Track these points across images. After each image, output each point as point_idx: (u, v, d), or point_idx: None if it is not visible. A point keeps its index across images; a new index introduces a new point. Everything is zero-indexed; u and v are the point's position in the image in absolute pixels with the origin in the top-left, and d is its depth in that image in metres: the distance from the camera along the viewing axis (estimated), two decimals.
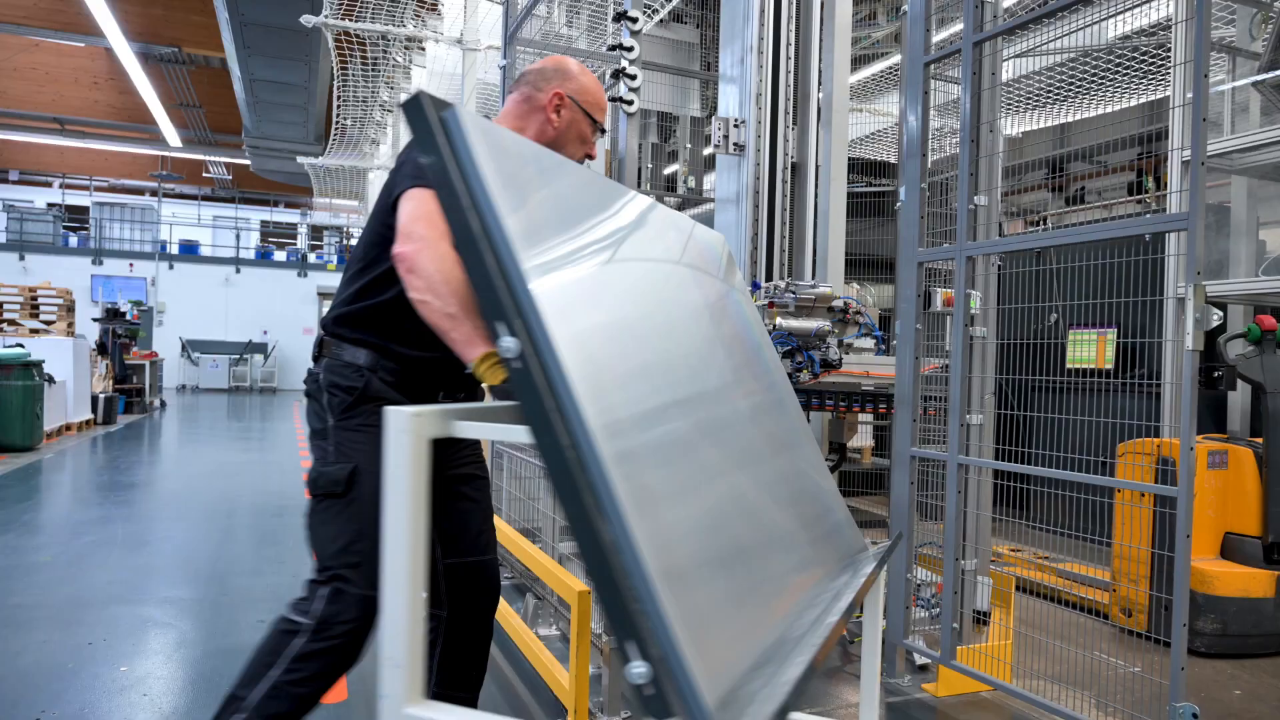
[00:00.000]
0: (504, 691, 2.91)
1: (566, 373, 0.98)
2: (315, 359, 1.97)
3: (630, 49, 2.60)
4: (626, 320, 1.32)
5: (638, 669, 0.88)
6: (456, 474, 2.04)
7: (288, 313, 23.98)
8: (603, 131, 2.10)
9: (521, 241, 1.06)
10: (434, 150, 1.08)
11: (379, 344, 1.87)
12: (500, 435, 1.26)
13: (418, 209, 1.67)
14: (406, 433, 1.16)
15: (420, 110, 1.08)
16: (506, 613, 3.41)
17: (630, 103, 2.73)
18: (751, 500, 1.44)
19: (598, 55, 4.85)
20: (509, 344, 1.00)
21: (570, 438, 0.96)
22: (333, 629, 1.72)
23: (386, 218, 1.79)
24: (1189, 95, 2.13)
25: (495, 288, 1.01)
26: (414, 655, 1.14)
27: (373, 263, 1.86)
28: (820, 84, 4.04)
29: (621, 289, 1.38)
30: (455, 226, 1.06)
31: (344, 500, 1.78)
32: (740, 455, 1.50)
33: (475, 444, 2.14)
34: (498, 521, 3.78)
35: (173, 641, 3.31)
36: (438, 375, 1.91)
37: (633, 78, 2.65)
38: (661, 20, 6.89)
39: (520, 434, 1.12)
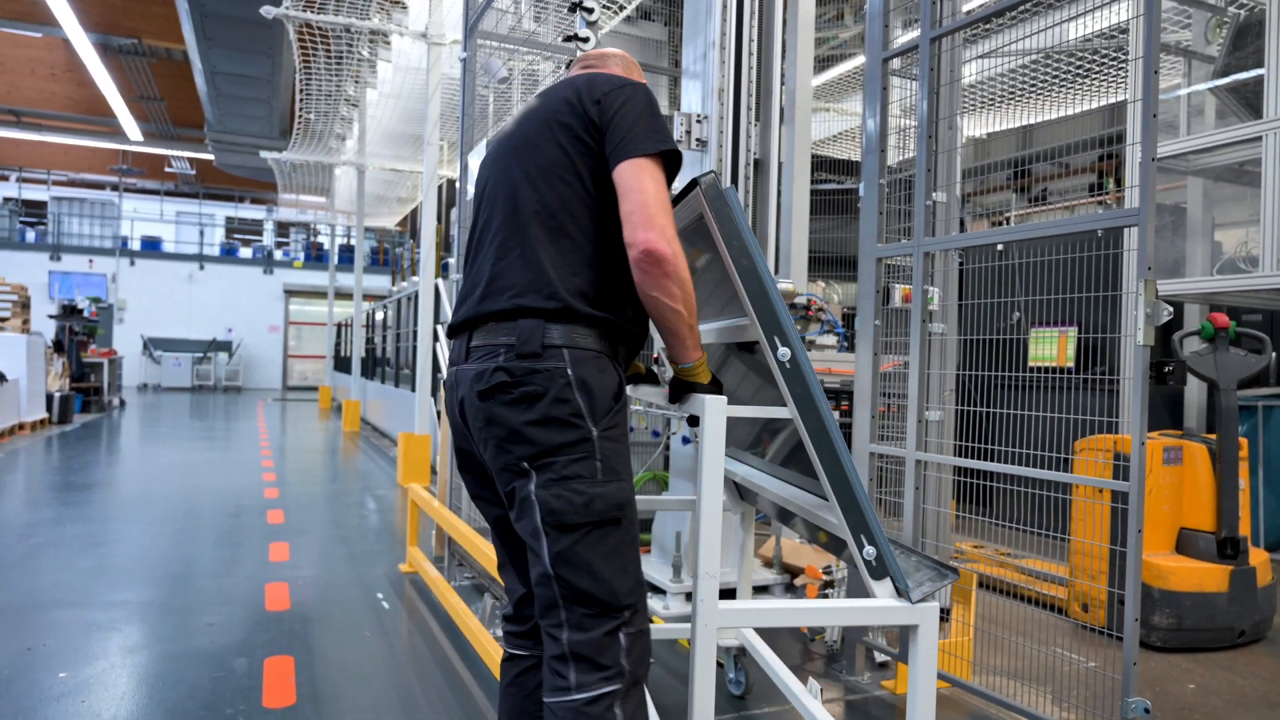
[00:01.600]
0: (458, 694, 2.86)
1: (813, 371, 1.61)
2: (534, 351, 1.53)
3: (586, 40, 2.56)
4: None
5: (869, 550, 1.61)
6: None
7: (253, 310, 23.64)
8: None
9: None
10: (731, 221, 1.64)
11: (618, 321, 1.62)
12: (762, 414, 1.75)
13: (663, 194, 1.52)
14: (722, 416, 1.56)
15: (719, 188, 1.66)
16: (463, 613, 3.36)
17: None
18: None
19: (557, 48, 4.79)
20: (785, 352, 1.58)
21: (823, 413, 1.57)
22: (640, 672, 1.54)
23: (577, 165, 1.60)
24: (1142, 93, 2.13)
25: (776, 317, 1.57)
26: (717, 568, 1.56)
27: (585, 221, 1.61)
28: (783, 80, 4.03)
29: None
30: (744, 272, 1.60)
31: (623, 526, 1.55)
32: None
33: None
34: (454, 520, 3.72)
35: (117, 646, 3.21)
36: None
37: None
38: (629, 17, 6.86)
39: (779, 412, 1.66)
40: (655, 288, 1.52)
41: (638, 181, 1.52)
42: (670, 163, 1.59)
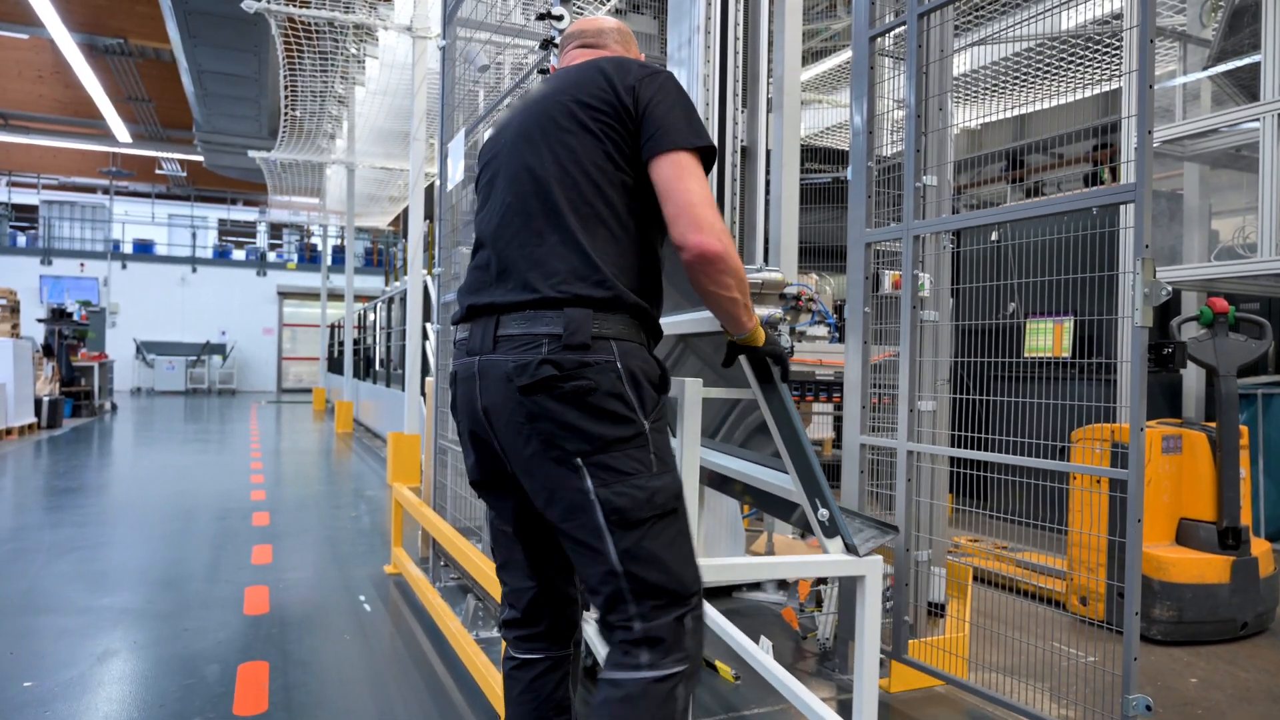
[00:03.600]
0: (437, 698, 2.76)
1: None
2: (583, 343, 1.47)
3: (560, 18, 2.47)
4: None
5: (823, 512, 1.83)
6: None
7: (247, 312, 23.52)
8: None
9: None
10: None
11: (649, 312, 1.59)
12: (731, 395, 1.98)
13: (706, 191, 1.50)
14: (699, 399, 1.76)
15: None
16: (446, 616, 3.27)
17: None
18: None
19: (534, 33, 4.69)
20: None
21: (782, 393, 1.79)
22: (700, 656, 1.55)
23: (610, 151, 1.55)
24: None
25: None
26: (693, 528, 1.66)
27: (620, 209, 1.57)
28: (770, 71, 3.93)
29: None
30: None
31: (680, 515, 1.55)
32: None
33: None
34: (438, 522, 3.63)
35: (88, 654, 3.11)
36: None
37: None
38: (619, 10, 6.77)
39: (744, 393, 1.92)
40: (712, 284, 1.53)
41: (679, 181, 1.51)
42: (706, 156, 1.57)
